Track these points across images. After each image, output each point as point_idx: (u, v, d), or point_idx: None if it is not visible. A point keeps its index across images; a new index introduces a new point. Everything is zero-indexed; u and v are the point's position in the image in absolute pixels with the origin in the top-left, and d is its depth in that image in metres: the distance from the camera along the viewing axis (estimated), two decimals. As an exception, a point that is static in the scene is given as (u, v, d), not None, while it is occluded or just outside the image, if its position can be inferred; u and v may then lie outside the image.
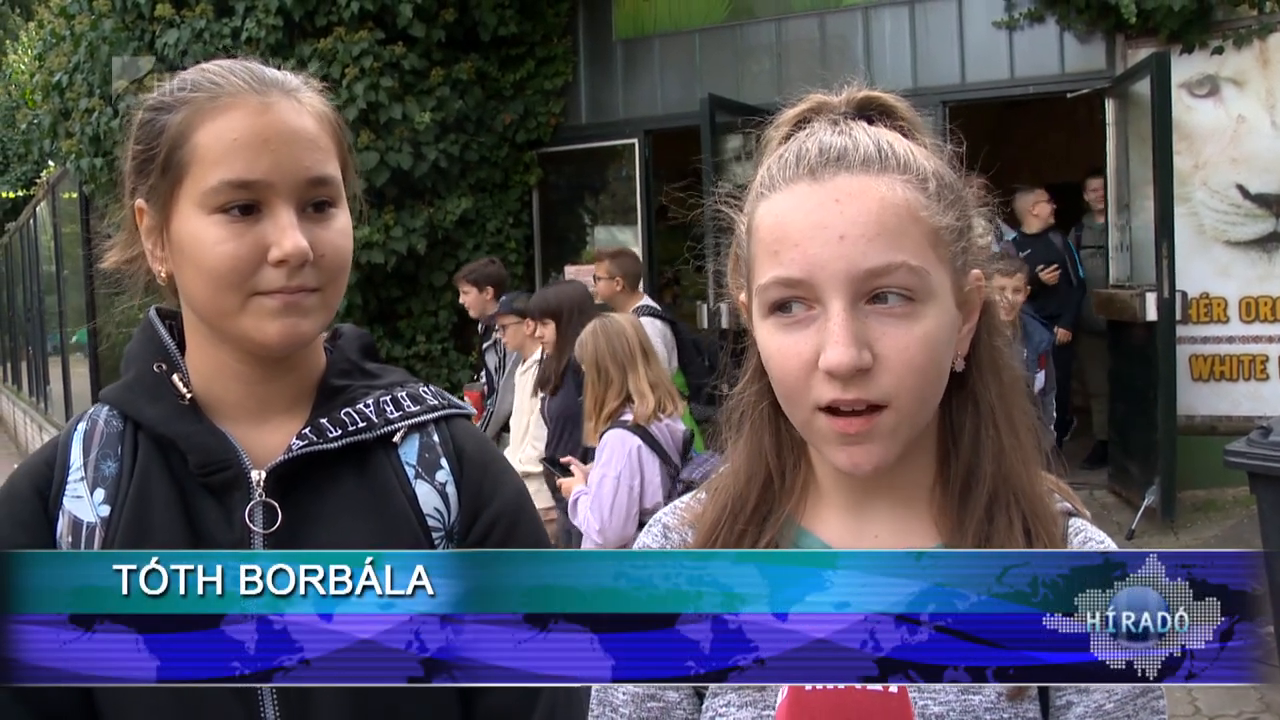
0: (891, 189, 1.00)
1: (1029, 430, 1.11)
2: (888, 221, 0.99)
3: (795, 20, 8.90)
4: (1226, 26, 7.46)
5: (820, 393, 1.00)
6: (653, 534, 1.19)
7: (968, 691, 1.02)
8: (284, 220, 1.17)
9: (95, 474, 1.23)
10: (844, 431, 1.00)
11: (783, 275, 1.00)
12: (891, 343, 0.98)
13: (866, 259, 0.98)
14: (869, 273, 0.98)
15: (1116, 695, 1.04)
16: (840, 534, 1.11)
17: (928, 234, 1.01)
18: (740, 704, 1.07)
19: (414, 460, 1.29)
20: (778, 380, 1.04)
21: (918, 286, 0.99)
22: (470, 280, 6.68)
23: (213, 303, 1.19)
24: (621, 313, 5.02)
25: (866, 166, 1.01)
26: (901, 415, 1.00)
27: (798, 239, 1.00)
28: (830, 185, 1.00)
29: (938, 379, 1.03)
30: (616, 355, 4.06)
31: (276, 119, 1.19)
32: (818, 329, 0.99)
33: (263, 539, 1.20)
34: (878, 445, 1.01)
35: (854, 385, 0.98)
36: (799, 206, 1.01)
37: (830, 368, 0.97)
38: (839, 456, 1.02)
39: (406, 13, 8.36)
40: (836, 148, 1.03)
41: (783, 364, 1.02)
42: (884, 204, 0.99)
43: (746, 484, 1.13)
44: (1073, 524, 1.12)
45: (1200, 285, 7.50)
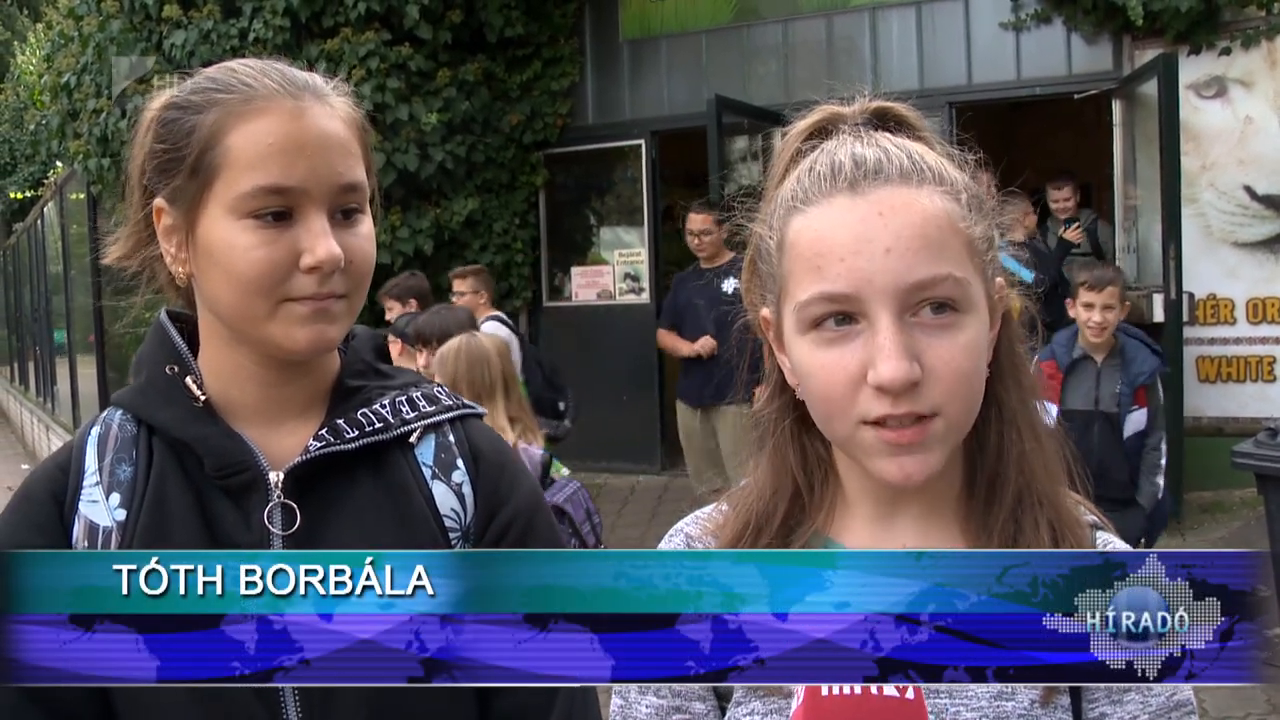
0: (932, 200, 1.00)
1: (1049, 435, 1.11)
2: (931, 234, 0.98)
3: (802, 21, 8.90)
4: (1234, 27, 7.44)
5: (868, 408, 0.98)
6: (675, 544, 1.18)
7: (1000, 698, 1.02)
8: (316, 227, 1.16)
9: (110, 478, 1.22)
10: (895, 442, 0.99)
11: (828, 290, 0.99)
12: (939, 354, 0.98)
13: (913, 272, 0.97)
14: (916, 285, 0.97)
15: (1151, 707, 1.04)
16: (868, 544, 1.10)
17: (965, 244, 1.01)
18: (764, 712, 1.06)
19: (430, 461, 1.29)
20: (820, 396, 1.02)
21: (961, 297, 0.99)
22: (393, 295, 6.37)
23: (240, 308, 1.18)
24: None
25: (905, 179, 1.01)
26: (950, 424, 1.00)
27: (842, 253, 0.98)
28: (872, 198, 0.99)
29: (980, 387, 1.03)
30: (475, 385, 3.79)
31: (311, 124, 1.18)
32: (863, 343, 0.98)
33: (282, 541, 1.20)
34: (929, 454, 1.00)
35: (905, 399, 0.97)
36: (841, 221, 1.00)
37: (883, 382, 0.96)
38: (889, 468, 1.00)
39: (413, 14, 8.37)
40: (871, 160, 1.02)
41: (827, 379, 1.00)
42: (926, 216, 0.99)
43: (772, 498, 1.12)
44: (1100, 536, 1.11)
45: (1207, 286, 7.49)
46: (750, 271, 1.14)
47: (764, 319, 1.11)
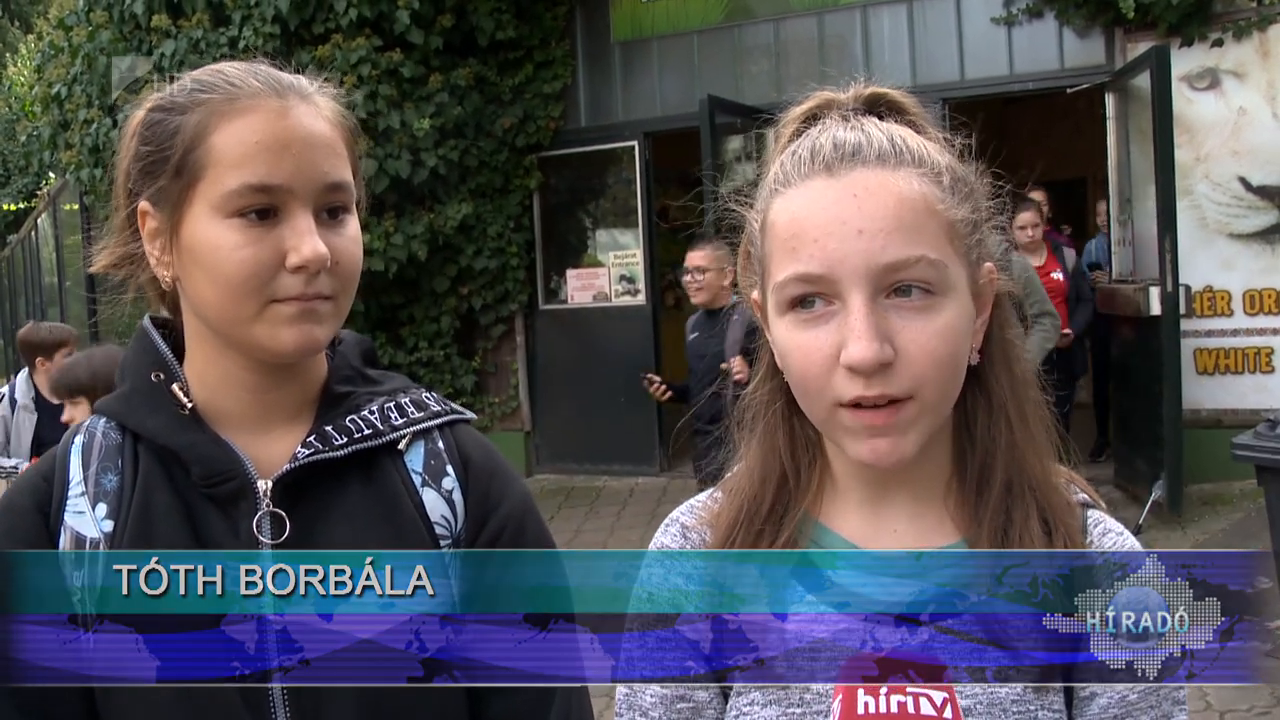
0: (908, 183, 1.00)
1: (1041, 423, 1.12)
2: (905, 216, 0.99)
3: (793, 20, 8.90)
4: (1226, 19, 7.45)
5: (842, 389, 0.99)
6: (671, 534, 1.18)
7: (994, 684, 1.02)
8: (302, 226, 1.15)
9: (96, 488, 1.20)
10: (869, 424, 1.00)
11: (801, 271, 1.00)
12: (912, 336, 0.99)
13: (886, 253, 0.98)
14: (888, 267, 0.98)
15: (1139, 686, 1.03)
16: (860, 529, 1.11)
17: (944, 227, 1.01)
18: (765, 702, 1.07)
19: (420, 468, 1.27)
20: (797, 377, 1.03)
21: (936, 280, 1.00)
22: None
23: (226, 309, 1.17)
24: None
25: (882, 161, 1.01)
26: (924, 407, 1.01)
27: (816, 234, 1.00)
28: (847, 180, 1.00)
29: (957, 371, 1.03)
30: None
31: (296, 123, 1.17)
32: (838, 324, 0.99)
33: (272, 550, 1.18)
34: (901, 437, 1.01)
35: (877, 380, 0.98)
36: (816, 202, 1.01)
37: (853, 363, 0.97)
38: (862, 449, 1.01)
39: (404, 19, 8.36)
40: (851, 143, 1.03)
41: (803, 360, 1.02)
42: (901, 198, 1.00)
43: (762, 484, 1.13)
44: (1091, 515, 1.12)
45: (1204, 278, 7.49)
46: (744, 255, 1.15)
47: (754, 302, 1.12)
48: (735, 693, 1.09)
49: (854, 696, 0.98)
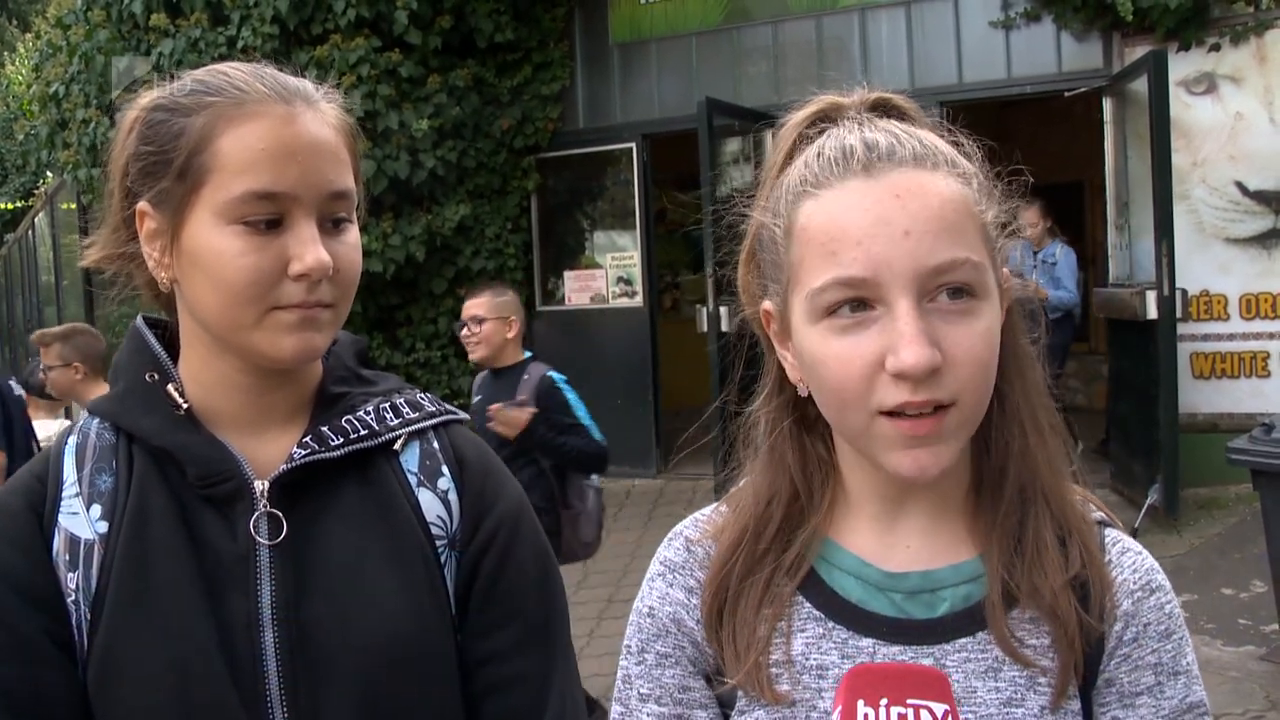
0: (947, 184, 0.98)
1: (1053, 431, 1.09)
2: (949, 217, 0.96)
3: (792, 22, 8.90)
4: (1223, 23, 7.46)
5: (885, 396, 0.95)
6: (674, 548, 1.15)
7: (1010, 705, 1.00)
8: (306, 234, 1.15)
9: (90, 489, 1.19)
10: (912, 434, 0.96)
11: (844, 275, 0.96)
12: (957, 340, 0.95)
13: (933, 255, 0.94)
14: (935, 269, 0.95)
15: (1163, 711, 1.02)
16: (872, 545, 1.08)
17: (980, 230, 0.99)
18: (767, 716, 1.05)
19: (415, 468, 1.27)
20: (834, 386, 0.98)
21: (977, 283, 0.97)
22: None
23: (227, 315, 1.16)
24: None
25: (919, 162, 0.98)
26: (965, 414, 0.97)
27: (859, 237, 0.95)
28: (887, 181, 0.97)
29: (992, 377, 1.00)
30: None
31: (303, 130, 1.16)
32: (880, 330, 0.95)
33: (269, 550, 1.18)
34: (943, 446, 0.97)
35: (924, 386, 0.94)
36: (856, 204, 0.97)
37: (905, 369, 0.93)
38: (903, 461, 0.97)
39: (402, 20, 8.36)
40: (884, 144, 0.99)
41: (842, 369, 0.97)
42: (944, 199, 0.97)
43: (768, 505, 1.10)
44: (1109, 534, 1.09)
45: (1200, 283, 7.50)
46: (748, 264, 1.11)
47: (765, 313, 1.09)
48: (737, 711, 1.07)
49: (854, 708, 0.97)
